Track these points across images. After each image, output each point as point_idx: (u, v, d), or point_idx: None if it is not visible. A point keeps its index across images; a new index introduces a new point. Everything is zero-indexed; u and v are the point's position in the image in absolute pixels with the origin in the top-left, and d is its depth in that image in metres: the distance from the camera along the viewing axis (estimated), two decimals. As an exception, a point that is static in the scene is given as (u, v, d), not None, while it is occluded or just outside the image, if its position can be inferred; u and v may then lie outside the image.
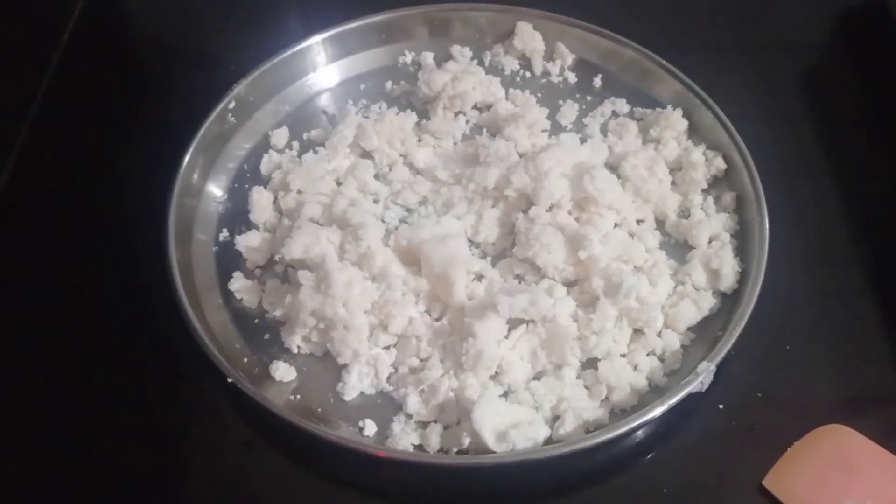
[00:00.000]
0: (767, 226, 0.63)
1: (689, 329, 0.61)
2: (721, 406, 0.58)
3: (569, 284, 0.63)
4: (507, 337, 0.60)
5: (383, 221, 0.66)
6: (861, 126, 0.76)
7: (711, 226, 0.65)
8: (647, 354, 0.60)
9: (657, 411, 0.54)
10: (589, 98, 0.75)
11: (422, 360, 0.60)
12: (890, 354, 0.62)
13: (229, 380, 0.54)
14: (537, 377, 0.59)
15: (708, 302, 0.62)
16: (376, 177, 0.69)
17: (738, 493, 0.56)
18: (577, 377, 0.59)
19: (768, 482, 0.54)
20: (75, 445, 0.58)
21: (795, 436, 0.55)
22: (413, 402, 0.57)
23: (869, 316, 0.64)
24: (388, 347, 0.60)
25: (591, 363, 0.60)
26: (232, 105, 0.70)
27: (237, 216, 0.67)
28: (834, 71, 0.81)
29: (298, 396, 0.59)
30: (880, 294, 0.65)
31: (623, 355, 0.60)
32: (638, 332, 0.61)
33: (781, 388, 0.60)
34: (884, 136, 0.75)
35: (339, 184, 0.68)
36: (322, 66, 0.76)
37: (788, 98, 0.77)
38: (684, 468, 0.57)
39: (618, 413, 0.58)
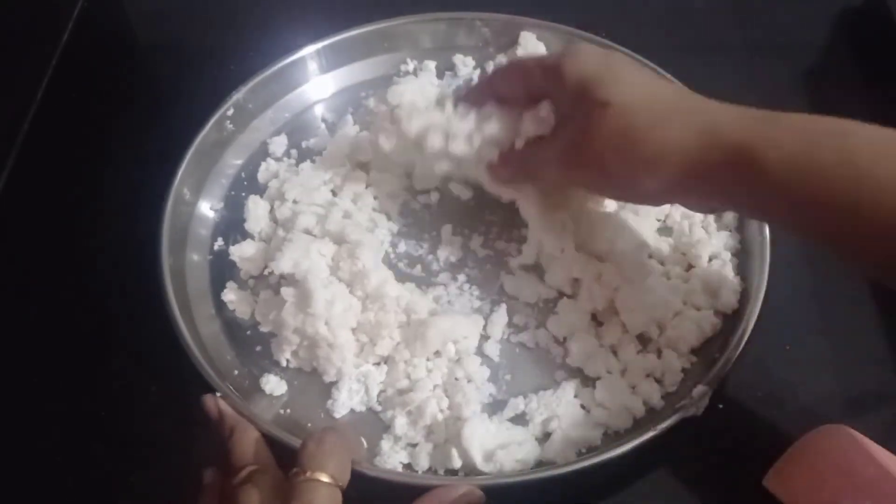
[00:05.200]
0: (769, 246, 0.61)
1: (689, 350, 0.60)
2: (721, 406, 0.58)
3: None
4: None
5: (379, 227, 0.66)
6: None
7: (712, 244, 0.64)
8: (647, 376, 0.59)
9: (649, 435, 0.53)
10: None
11: (411, 380, 0.59)
12: (890, 355, 0.61)
13: (217, 393, 0.54)
14: (534, 390, 0.59)
15: (709, 322, 0.60)
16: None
17: (738, 492, 0.55)
18: (575, 395, 0.58)
19: (769, 482, 0.54)
20: (66, 453, 0.58)
21: (796, 436, 0.54)
22: (401, 424, 0.56)
23: (869, 316, 0.63)
24: (378, 364, 0.60)
25: (588, 381, 0.59)
26: (230, 112, 0.70)
27: (233, 225, 0.67)
28: (834, 71, 0.80)
29: (288, 411, 0.58)
30: (881, 294, 0.64)
31: (623, 374, 0.59)
32: (639, 352, 0.60)
33: (781, 388, 0.60)
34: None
35: (334, 194, 0.68)
36: (323, 73, 0.76)
37: (788, 98, 0.77)
38: (683, 468, 0.57)
39: (611, 435, 0.57)
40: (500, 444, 0.55)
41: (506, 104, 0.60)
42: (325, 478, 0.45)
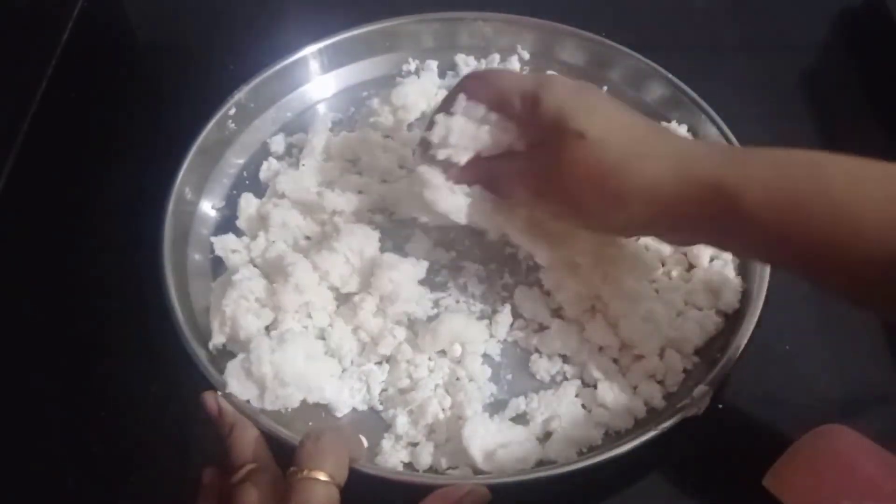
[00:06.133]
0: None
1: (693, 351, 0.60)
2: (721, 406, 0.58)
3: None
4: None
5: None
6: (864, 128, 0.76)
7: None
8: (648, 376, 0.59)
9: (650, 435, 0.53)
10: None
11: (412, 380, 0.58)
12: (890, 354, 0.62)
13: (219, 393, 0.54)
14: (535, 390, 0.59)
15: (712, 322, 0.60)
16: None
17: (737, 493, 0.55)
18: (576, 395, 0.58)
19: (768, 482, 0.54)
20: (66, 453, 0.59)
21: (795, 436, 0.54)
22: (402, 423, 0.56)
23: (869, 316, 0.63)
24: (379, 363, 0.60)
25: (590, 382, 0.59)
26: (232, 111, 0.70)
27: (234, 224, 0.67)
28: (834, 71, 0.80)
29: (290, 409, 0.57)
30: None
31: (624, 374, 0.59)
32: (640, 355, 0.59)
33: (781, 388, 0.60)
34: (889, 139, 0.74)
35: (321, 193, 0.66)
36: (324, 73, 0.76)
37: (788, 98, 0.77)
38: (683, 468, 0.57)
39: (611, 435, 0.57)
40: (500, 444, 0.54)
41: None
42: (322, 476, 0.45)
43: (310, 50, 0.74)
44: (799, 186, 0.46)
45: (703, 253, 0.63)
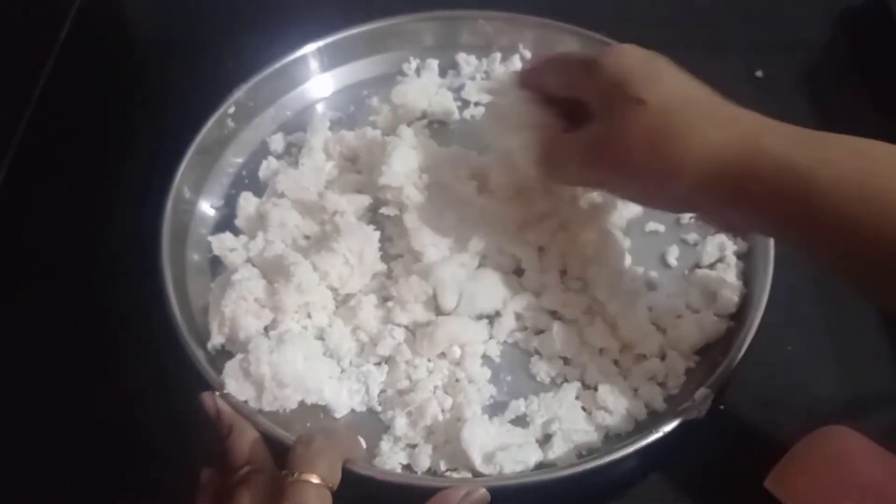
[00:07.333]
0: (772, 248, 0.61)
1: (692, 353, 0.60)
2: (721, 407, 0.57)
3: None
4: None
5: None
6: (865, 128, 0.75)
7: (715, 246, 0.64)
8: (649, 379, 0.58)
9: (651, 438, 0.53)
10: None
11: (411, 381, 0.58)
12: (891, 356, 0.61)
13: (217, 393, 0.54)
14: (535, 392, 0.58)
15: (713, 324, 0.60)
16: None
17: (739, 494, 0.55)
18: (576, 398, 0.57)
19: (770, 484, 0.53)
20: (65, 453, 0.58)
21: (797, 437, 0.54)
22: (401, 425, 0.56)
23: (871, 316, 0.63)
24: (378, 364, 0.59)
25: (590, 384, 0.58)
26: (232, 110, 0.70)
27: (232, 223, 0.66)
28: (834, 71, 0.80)
29: (288, 410, 0.57)
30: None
31: (625, 377, 0.58)
32: (641, 356, 0.59)
33: (783, 390, 0.60)
34: (891, 139, 0.74)
35: (321, 193, 0.66)
36: (324, 71, 0.75)
37: (788, 98, 0.77)
38: (685, 471, 0.57)
39: (612, 437, 0.56)
40: (500, 446, 0.54)
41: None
42: (314, 479, 0.46)
43: (309, 48, 0.74)
44: (880, 179, 0.43)
45: (705, 254, 0.63)
